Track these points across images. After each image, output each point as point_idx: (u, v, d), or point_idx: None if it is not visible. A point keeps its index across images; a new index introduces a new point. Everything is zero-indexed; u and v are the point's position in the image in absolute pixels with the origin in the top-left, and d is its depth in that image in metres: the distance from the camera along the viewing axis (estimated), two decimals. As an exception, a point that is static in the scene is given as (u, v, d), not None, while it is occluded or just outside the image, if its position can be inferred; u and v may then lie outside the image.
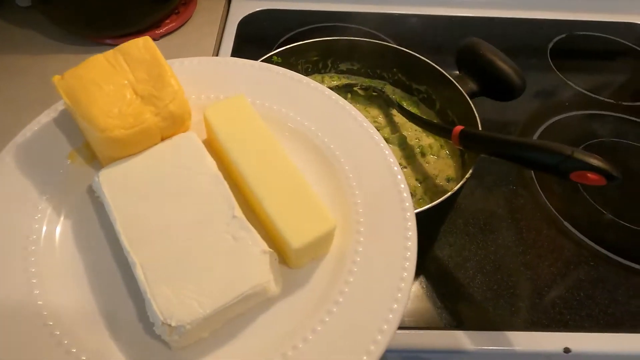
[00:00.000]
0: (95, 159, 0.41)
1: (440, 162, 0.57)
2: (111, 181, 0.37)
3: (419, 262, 0.56)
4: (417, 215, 0.46)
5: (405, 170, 0.56)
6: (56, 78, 0.39)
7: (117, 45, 0.41)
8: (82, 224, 0.38)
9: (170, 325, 0.31)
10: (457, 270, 0.56)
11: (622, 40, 0.87)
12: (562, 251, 0.58)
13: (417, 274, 0.57)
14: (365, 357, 0.32)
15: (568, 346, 0.50)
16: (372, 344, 0.32)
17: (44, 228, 0.38)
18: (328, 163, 0.41)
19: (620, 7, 0.91)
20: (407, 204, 0.38)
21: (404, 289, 0.35)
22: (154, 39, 0.76)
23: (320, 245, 0.36)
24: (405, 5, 0.89)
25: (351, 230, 0.38)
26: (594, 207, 0.63)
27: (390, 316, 0.33)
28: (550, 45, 0.85)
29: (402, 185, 0.39)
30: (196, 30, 0.80)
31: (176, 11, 0.80)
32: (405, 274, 0.35)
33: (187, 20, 0.81)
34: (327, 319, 0.34)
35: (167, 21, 0.78)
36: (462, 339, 0.50)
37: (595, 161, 0.38)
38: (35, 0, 0.71)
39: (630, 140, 0.71)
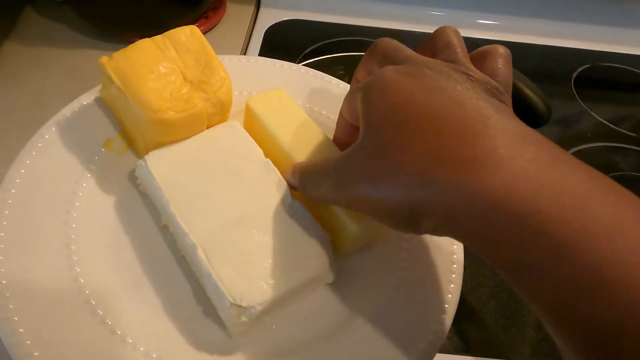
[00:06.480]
0: (128, 150, 0.41)
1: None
2: (159, 165, 0.36)
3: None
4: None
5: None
6: (104, 59, 0.39)
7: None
8: (124, 204, 0.38)
9: (240, 307, 0.29)
10: (471, 295, 0.56)
11: (647, 74, 0.87)
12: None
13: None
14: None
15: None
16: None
17: (85, 204, 0.37)
18: None
19: (647, 40, 0.90)
20: None
21: (457, 271, 0.37)
22: (182, 42, 0.77)
23: (374, 229, 0.36)
24: (431, 25, 0.90)
25: None
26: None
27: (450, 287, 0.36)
28: (575, 74, 0.85)
29: None
30: (224, 35, 0.80)
31: (205, 15, 0.81)
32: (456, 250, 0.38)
33: (216, 24, 0.82)
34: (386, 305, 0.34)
35: (196, 24, 0.79)
36: (472, 365, 0.50)
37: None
38: (69, -4, 0.73)
39: (652, 176, 0.71)
